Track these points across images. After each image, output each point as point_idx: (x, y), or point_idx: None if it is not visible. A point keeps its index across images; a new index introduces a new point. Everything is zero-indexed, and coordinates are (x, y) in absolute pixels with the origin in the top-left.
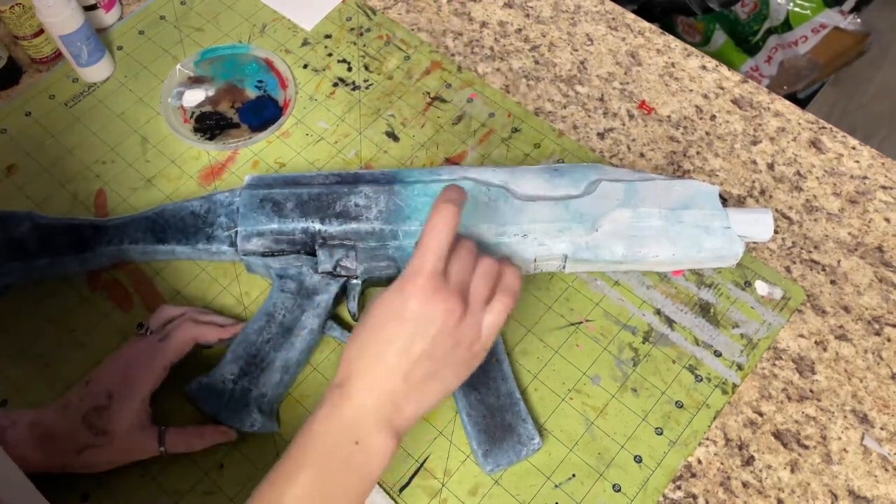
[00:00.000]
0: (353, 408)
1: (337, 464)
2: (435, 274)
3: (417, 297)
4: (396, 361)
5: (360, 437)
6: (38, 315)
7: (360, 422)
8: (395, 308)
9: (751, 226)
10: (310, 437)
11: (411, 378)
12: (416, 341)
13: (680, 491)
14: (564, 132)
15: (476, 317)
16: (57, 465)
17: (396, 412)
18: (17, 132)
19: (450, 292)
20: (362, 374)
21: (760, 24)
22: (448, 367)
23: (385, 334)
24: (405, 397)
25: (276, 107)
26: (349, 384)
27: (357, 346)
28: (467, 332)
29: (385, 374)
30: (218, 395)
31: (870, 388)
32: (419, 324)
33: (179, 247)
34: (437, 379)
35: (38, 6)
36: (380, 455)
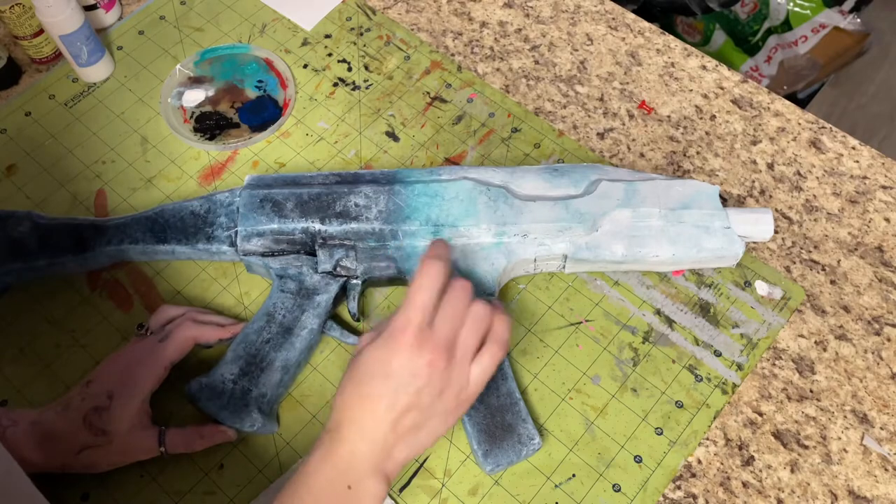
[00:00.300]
0: (346, 453)
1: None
2: (419, 329)
3: (403, 352)
4: (384, 414)
5: (352, 482)
6: (38, 315)
7: (352, 466)
8: (380, 363)
9: (751, 226)
10: (304, 480)
11: (400, 428)
12: (401, 396)
13: (680, 491)
14: (564, 132)
15: (462, 367)
16: (57, 465)
17: (387, 458)
18: (16, 132)
19: (435, 345)
20: (353, 422)
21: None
22: (435, 416)
23: (371, 389)
24: (395, 445)
25: (276, 107)
26: (341, 430)
27: (346, 396)
28: (452, 382)
29: (374, 424)
30: (218, 395)
31: (870, 388)
32: (403, 379)
33: (179, 247)
34: (426, 428)
35: (38, 6)
36: (372, 499)
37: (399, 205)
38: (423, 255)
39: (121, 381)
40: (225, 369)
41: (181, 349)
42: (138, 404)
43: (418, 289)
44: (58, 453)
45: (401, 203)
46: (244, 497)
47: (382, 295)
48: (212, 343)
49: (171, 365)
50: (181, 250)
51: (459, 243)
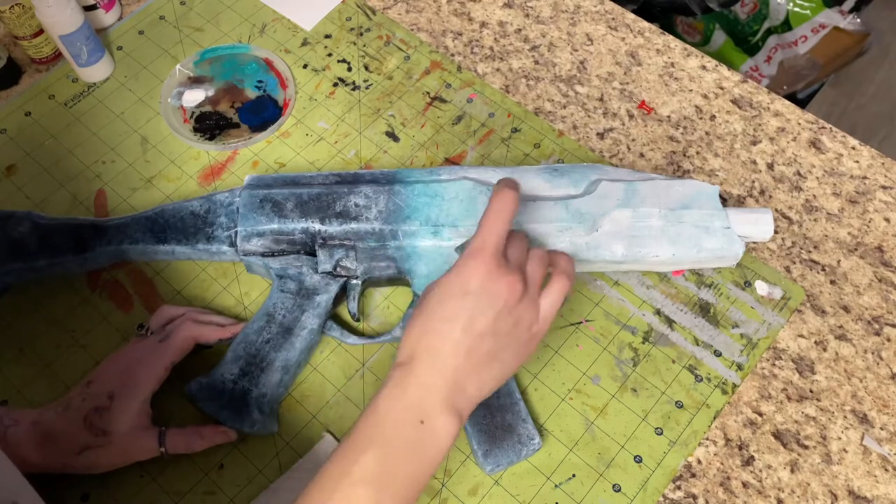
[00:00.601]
0: (418, 386)
1: (402, 443)
2: (497, 251)
3: (480, 272)
4: (460, 337)
5: (425, 417)
6: (38, 315)
7: (425, 401)
8: (456, 285)
9: (751, 226)
10: (375, 416)
11: (474, 356)
12: (479, 317)
13: (680, 491)
14: (564, 132)
15: (534, 298)
16: (57, 465)
17: (459, 392)
18: (17, 132)
19: (511, 269)
20: (426, 352)
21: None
22: (509, 347)
23: (447, 311)
24: (467, 376)
25: (276, 107)
26: (413, 363)
27: (419, 325)
28: (526, 312)
29: (449, 351)
30: (218, 395)
31: (869, 388)
32: (481, 299)
33: (179, 247)
34: (498, 360)
35: (38, 6)
36: (445, 435)
37: (399, 205)
38: (496, 185)
39: (121, 381)
40: (225, 369)
41: (181, 349)
42: (139, 404)
43: (492, 215)
44: (58, 453)
45: (401, 203)
46: (244, 497)
47: (382, 295)
48: (212, 343)
49: (171, 365)
50: (181, 250)
51: (459, 243)
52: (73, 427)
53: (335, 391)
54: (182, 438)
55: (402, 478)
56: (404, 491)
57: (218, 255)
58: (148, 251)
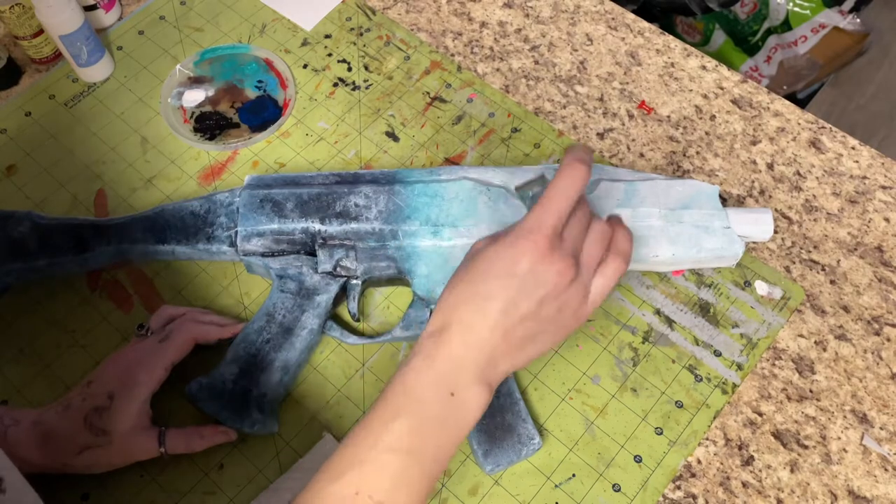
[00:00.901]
0: (450, 359)
1: (432, 414)
2: (553, 234)
3: (531, 255)
4: (499, 319)
5: (455, 389)
6: (38, 315)
7: (455, 374)
8: (504, 262)
9: (751, 226)
10: (403, 386)
11: (511, 337)
12: (522, 301)
13: (680, 491)
14: (564, 132)
15: (584, 283)
16: (57, 465)
17: (491, 367)
18: (17, 132)
19: (563, 255)
20: (461, 325)
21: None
22: (549, 331)
23: (490, 288)
24: (502, 355)
25: (276, 107)
26: (445, 335)
27: (457, 294)
28: (574, 297)
29: (485, 329)
30: (218, 395)
31: (869, 388)
32: (528, 283)
33: (179, 247)
34: (536, 341)
35: (37, 6)
36: (474, 407)
37: (399, 205)
38: (566, 155)
39: (121, 381)
40: (225, 369)
41: (181, 349)
42: (139, 405)
43: (557, 192)
44: (58, 453)
45: (401, 203)
46: (244, 497)
47: (382, 295)
48: (212, 343)
49: (171, 365)
50: (181, 250)
51: (459, 243)
52: (73, 427)
53: (335, 391)
54: (182, 438)
55: (432, 448)
56: (432, 462)
57: (218, 255)
58: (148, 251)
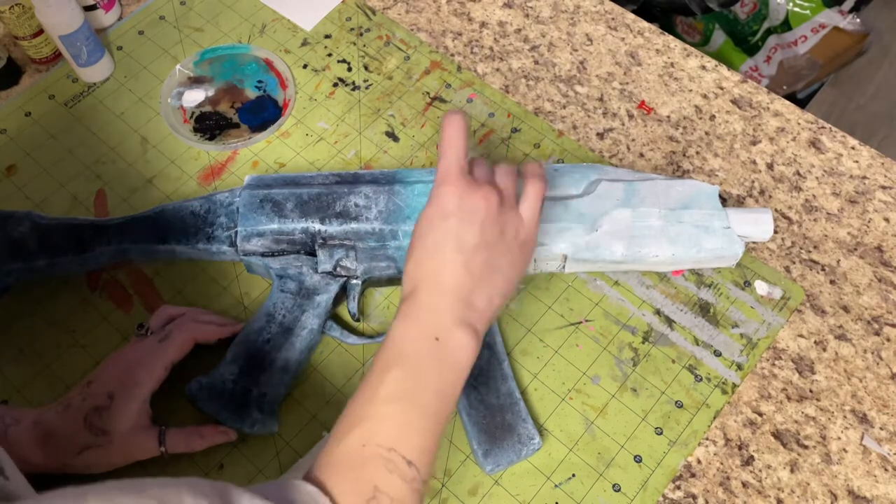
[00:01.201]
0: (427, 311)
1: (421, 360)
2: (462, 171)
3: (453, 193)
4: (453, 257)
5: (439, 335)
6: (38, 315)
7: (435, 321)
8: (436, 212)
9: (750, 226)
10: (391, 343)
11: (473, 269)
12: (466, 234)
13: (680, 491)
14: (564, 132)
15: (512, 205)
16: (57, 465)
17: (468, 305)
18: (17, 132)
19: (481, 184)
20: (426, 279)
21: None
22: (502, 255)
23: (435, 236)
24: (473, 291)
25: (276, 107)
26: (416, 292)
27: (414, 257)
28: (509, 218)
29: (446, 271)
30: (218, 395)
31: (869, 388)
32: (462, 216)
33: (179, 247)
34: (496, 268)
35: (37, 6)
36: (462, 348)
37: (399, 205)
38: (444, 118)
39: (121, 381)
40: (225, 369)
41: (181, 349)
42: (139, 404)
43: (447, 142)
44: (58, 453)
45: (401, 203)
46: None
47: (382, 295)
48: (212, 343)
49: (171, 365)
50: (181, 250)
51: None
52: (73, 427)
53: (335, 391)
54: (182, 438)
55: (428, 392)
56: (432, 406)
57: (218, 255)
58: (148, 251)
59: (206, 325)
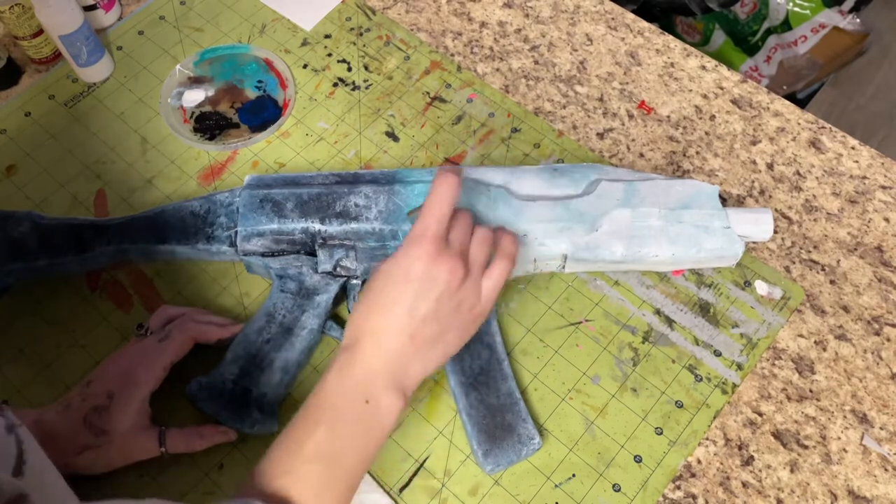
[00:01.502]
0: (363, 370)
1: (349, 421)
2: (438, 237)
3: (422, 259)
4: (403, 322)
5: (369, 397)
6: (38, 315)
7: (369, 382)
8: (400, 270)
9: (750, 225)
10: (324, 395)
11: (417, 339)
12: (421, 302)
13: (680, 491)
14: (564, 132)
15: (476, 280)
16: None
17: (403, 372)
18: (16, 132)
19: (452, 255)
20: (370, 336)
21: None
22: (451, 329)
23: (391, 296)
24: (411, 358)
25: (276, 107)
26: (357, 347)
27: (364, 309)
28: (468, 294)
29: (392, 334)
30: (218, 396)
31: (869, 388)
32: (424, 285)
33: (179, 247)
34: (441, 341)
35: (37, 6)
36: (389, 412)
37: (399, 205)
38: (438, 172)
39: (121, 381)
40: (225, 369)
41: (181, 349)
42: (138, 404)
43: (434, 201)
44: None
45: (401, 203)
46: None
47: None
48: (212, 343)
49: (170, 365)
50: (181, 250)
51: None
52: (73, 427)
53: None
54: (182, 438)
55: (350, 453)
56: (352, 467)
57: (218, 255)
58: (148, 251)
59: (205, 325)
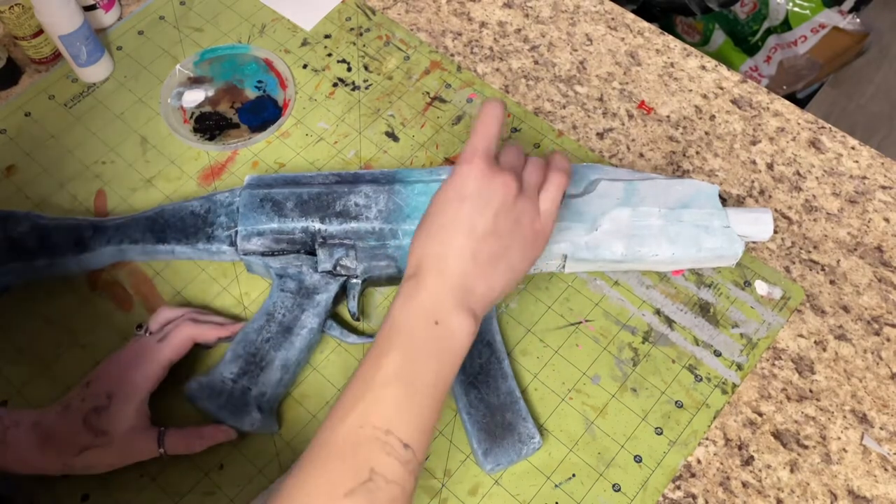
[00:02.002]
0: (428, 294)
1: (420, 343)
2: (488, 155)
3: (474, 175)
4: (462, 242)
5: (438, 318)
6: (38, 315)
7: (436, 304)
8: (453, 191)
9: (750, 225)
10: (391, 324)
11: (479, 257)
12: (478, 219)
13: (680, 491)
14: (564, 132)
15: (532, 196)
16: (57, 465)
17: (469, 293)
18: (16, 132)
19: (504, 170)
20: (431, 260)
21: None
22: (513, 246)
23: (447, 217)
24: (476, 278)
25: (276, 107)
26: (420, 273)
27: (423, 235)
28: (526, 208)
29: (454, 256)
30: (218, 395)
31: (869, 388)
32: (479, 201)
33: (179, 247)
34: (504, 258)
35: (37, 6)
36: (460, 332)
37: (399, 204)
38: (483, 103)
39: (120, 381)
40: (225, 369)
41: (180, 349)
42: (137, 404)
43: (481, 123)
44: (58, 454)
45: (401, 202)
46: (244, 497)
47: (382, 295)
48: (211, 343)
49: (170, 365)
50: (181, 250)
51: None
52: (72, 428)
53: (335, 391)
54: (182, 439)
55: (426, 375)
56: (429, 388)
57: (218, 255)
58: (148, 251)
59: (204, 325)
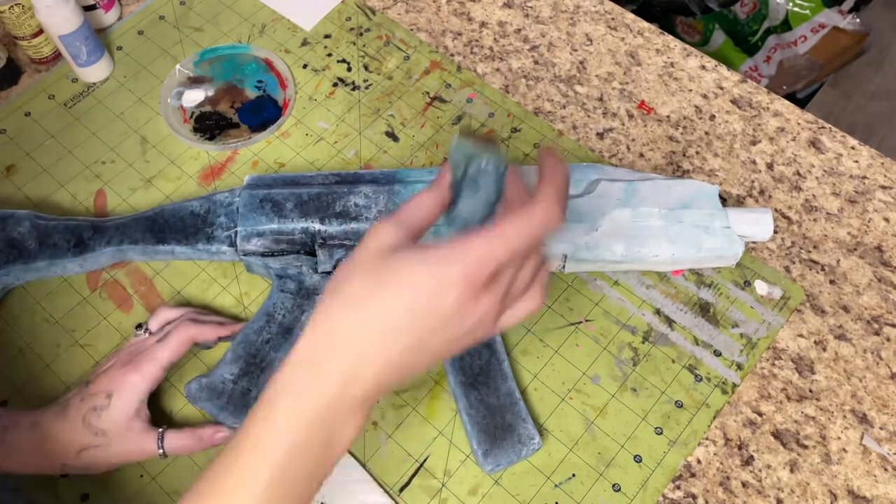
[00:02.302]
0: (331, 395)
1: (304, 462)
2: (495, 274)
3: (460, 293)
4: (402, 357)
5: (334, 428)
6: (38, 315)
7: (334, 413)
8: (427, 289)
9: (750, 225)
10: (270, 431)
11: (405, 371)
12: (434, 341)
13: (679, 491)
14: (564, 132)
15: (500, 314)
16: (57, 465)
17: (373, 398)
18: (16, 132)
19: (494, 298)
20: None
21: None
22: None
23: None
24: (388, 386)
25: (276, 107)
26: (326, 360)
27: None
28: (484, 334)
29: (379, 364)
30: (218, 395)
31: (869, 388)
32: (449, 323)
33: (179, 247)
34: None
35: (37, 6)
36: (350, 439)
37: (399, 204)
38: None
39: (119, 381)
40: (225, 369)
41: (179, 349)
42: (136, 404)
43: (523, 230)
44: (57, 454)
45: (401, 203)
46: None
47: None
48: (211, 343)
49: (169, 365)
50: (181, 250)
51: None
52: (71, 428)
53: None
54: (181, 440)
55: (300, 497)
56: (303, 497)
57: (218, 255)
58: (148, 251)
59: (204, 325)
